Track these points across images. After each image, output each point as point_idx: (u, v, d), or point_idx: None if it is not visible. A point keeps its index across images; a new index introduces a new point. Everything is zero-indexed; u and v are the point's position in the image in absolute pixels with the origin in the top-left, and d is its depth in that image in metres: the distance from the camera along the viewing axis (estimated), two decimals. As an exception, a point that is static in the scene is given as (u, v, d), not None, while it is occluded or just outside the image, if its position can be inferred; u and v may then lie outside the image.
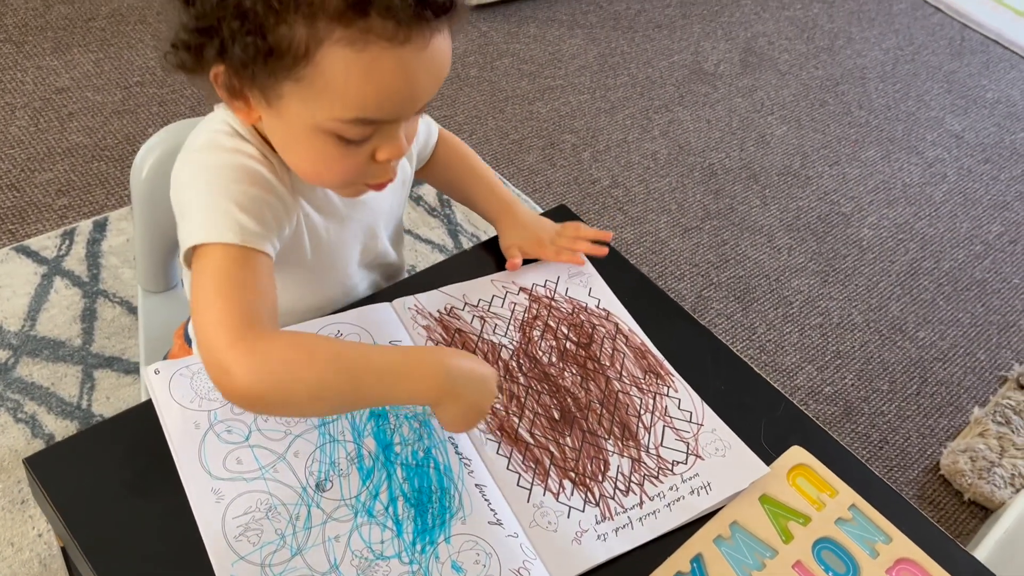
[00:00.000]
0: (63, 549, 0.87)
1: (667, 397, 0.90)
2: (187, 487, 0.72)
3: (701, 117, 2.43)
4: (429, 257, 1.86)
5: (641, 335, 0.95)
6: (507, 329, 0.93)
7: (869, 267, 2.11)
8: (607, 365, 0.92)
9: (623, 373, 0.91)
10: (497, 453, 0.82)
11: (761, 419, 0.90)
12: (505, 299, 0.96)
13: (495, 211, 1.02)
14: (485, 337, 0.91)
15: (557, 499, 0.80)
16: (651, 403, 0.89)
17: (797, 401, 1.77)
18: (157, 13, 2.27)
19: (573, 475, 0.82)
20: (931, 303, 2.05)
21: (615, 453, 0.85)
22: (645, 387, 0.91)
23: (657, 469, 0.84)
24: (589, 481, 0.82)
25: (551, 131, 2.27)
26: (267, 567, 0.69)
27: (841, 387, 1.83)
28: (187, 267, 0.74)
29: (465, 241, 1.92)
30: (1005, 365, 1.94)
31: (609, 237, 1.02)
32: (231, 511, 0.71)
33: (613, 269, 1.01)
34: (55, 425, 1.45)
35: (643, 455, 0.85)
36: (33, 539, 1.32)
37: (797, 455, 0.87)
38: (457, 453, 0.81)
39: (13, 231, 1.72)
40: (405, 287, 0.95)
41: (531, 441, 0.84)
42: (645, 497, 0.82)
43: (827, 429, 1.67)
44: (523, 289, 0.97)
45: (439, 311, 0.92)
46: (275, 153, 0.77)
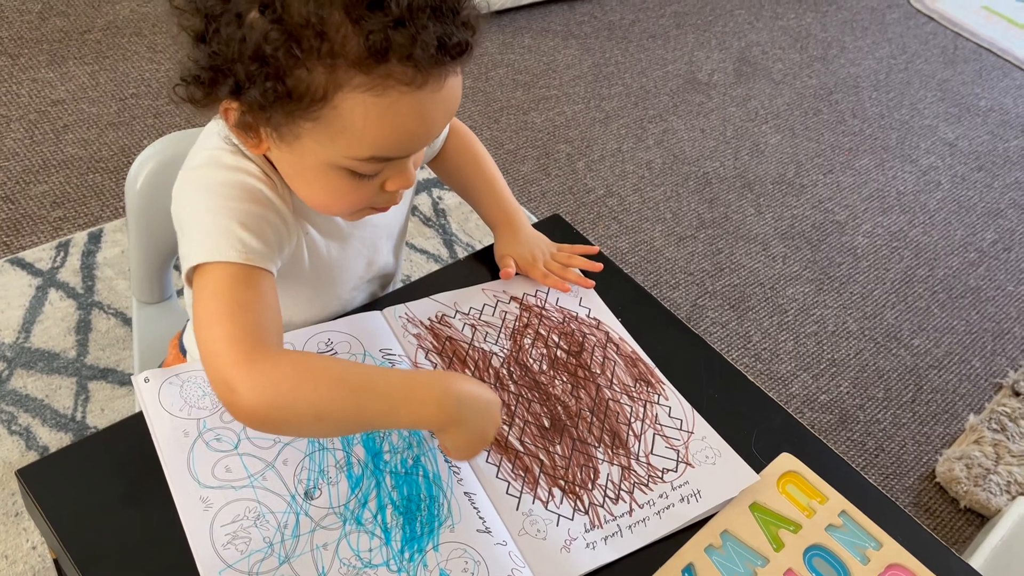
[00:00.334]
0: (56, 561, 0.87)
1: (658, 405, 0.90)
2: (175, 495, 0.72)
3: (695, 126, 2.44)
4: (424, 267, 1.86)
5: (632, 343, 0.95)
6: (498, 337, 0.93)
7: (864, 275, 2.12)
8: (598, 373, 0.92)
9: (614, 381, 0.91)
10: (487, 461, 0.82)
11: (754, 427, 0.90)
12: (496, 307, 0.96)
13: (496, 219, 1.02)
14: (476, 345, 0.91)
15: (546, 507, 0.80)
16: (641, 411, 0.89)
17: (792, 409, 1.77)
18: (152, 26, 2.28)
19: (563, 483, 0.82)
20: (926, 311, 2.06)
21: (605, 461, 0.85)
22: (636, 395, 0.91)
23: (647, 477, 0.84)
24: (579, 489, 0.82)
25: (546, 141, 2.27)
26: (255, 575, 0.69)
27: (836, 395, 1.83)
28: (189, 285, 0.73)
29: (460, 251, 1.92)
30: (1000, 372, 1.94)
31: (595, 251, 1.03)
32: (219, 519, 0.71)
33: (608, 278, 1.01)
34: (49, 437, 1.45)
35: (633, 463, 0.85)
36: (27, 551, 1.31)
37: (787, 462, 0.87)
38: (446, 461, 0.81)
39: (8, 243, 1.73)
40: (399, 297, 0.95)
41: (521, 449, 0.84)
42: (635, 505, 0.82)
43: (823, 437, 1.67)
44: (514, 298, 0.97)
45: (430, 319, 0.92)
46: (276, 171, 0.77)
